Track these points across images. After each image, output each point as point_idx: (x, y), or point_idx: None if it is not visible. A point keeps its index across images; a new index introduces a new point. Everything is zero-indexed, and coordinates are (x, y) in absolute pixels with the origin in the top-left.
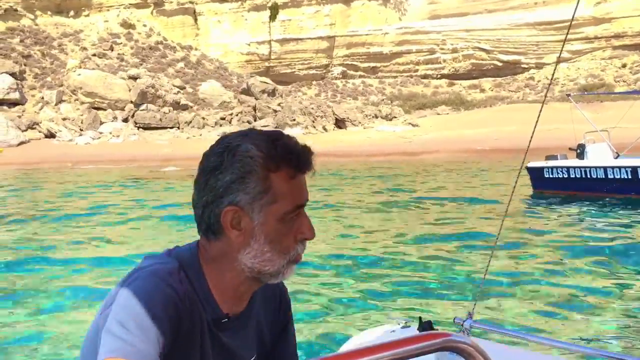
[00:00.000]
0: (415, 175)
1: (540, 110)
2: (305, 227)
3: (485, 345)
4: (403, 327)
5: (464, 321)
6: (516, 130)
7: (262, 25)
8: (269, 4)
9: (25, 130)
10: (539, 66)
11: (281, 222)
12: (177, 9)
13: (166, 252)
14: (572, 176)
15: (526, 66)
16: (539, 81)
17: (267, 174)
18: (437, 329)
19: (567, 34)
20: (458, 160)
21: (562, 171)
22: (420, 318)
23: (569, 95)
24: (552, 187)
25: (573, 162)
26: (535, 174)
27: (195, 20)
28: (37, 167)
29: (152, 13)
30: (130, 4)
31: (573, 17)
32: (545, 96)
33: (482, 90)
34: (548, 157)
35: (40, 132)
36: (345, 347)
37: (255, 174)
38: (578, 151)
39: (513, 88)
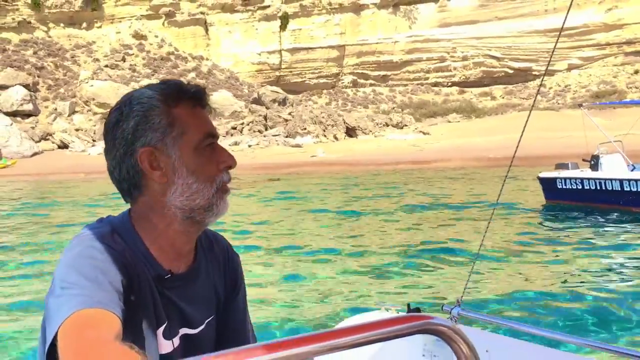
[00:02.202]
0: (423, 182)
1: (527, 119)
2: (225, 155)
3: (471, 332)
4: (391, 314)
5: (452, 308)
6: (527, 138)
7: (273, 35)
8: (280, 14)
9: (39, 141)
10: (550, 73)
11: (197, 151)
12: (189, 20)
13: (98, 220)
14: (586, 187)
15: (537, 73)
16: (550, 88)
17: (168, 109)
18: None
19: (557, 42)
20: (468, 168)
21: (576, 182)
22: (408, 305)
23: (580, 105)
24: (565, 197)
25: (587, 173)
26: (548, 184)
27: (206, 30)
28: (50, 177)
29: (163, 24)
30: (142, 16)
31: (563, 25)
32: (532, 106)
33: (493, 98)
34: (558, 166)
35: (53, 143)
36: (343, 325)
37: (157, 109)
38: (592, 162)
39: (524, 95)
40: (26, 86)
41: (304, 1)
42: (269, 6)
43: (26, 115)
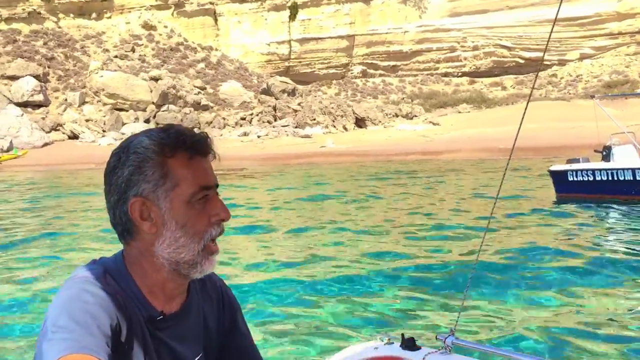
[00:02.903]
0: (435, 173)
1: (525, 111)
2: (219, 208)
3: None
4: (386, 344)
5: (445, 338)
6: (538, 128)
7: (282, 25)
8: (289, 4)
9: (49, 131)
10: (562, 63)
11: (189, 205)
12: (198, 10)
13: (91, 262)
14: (598, 179)
15: (548, 63)
16: (561, 78)
17: (164, 160)
18: (420, 347)
19: (552, 31)
20: (477, 159)
21: (587, 174)
22: (402, 335)
23: (593, 97)
24: (577, 190)
25: (599, 164)
26: (559, 177)
27: (216, 21)
28: (60, 167)
29: (172, 14)
30: (151, 6)
31: (557, 15)
32: (529, 99)
33: (504, 88)
34: (569, 161)
35: (63, 133)
36: None
37: (151, 161)
38: (604, 153)
39: (535, 85)
40: (36, 77)
41: None
42: None
43: (37, 105)
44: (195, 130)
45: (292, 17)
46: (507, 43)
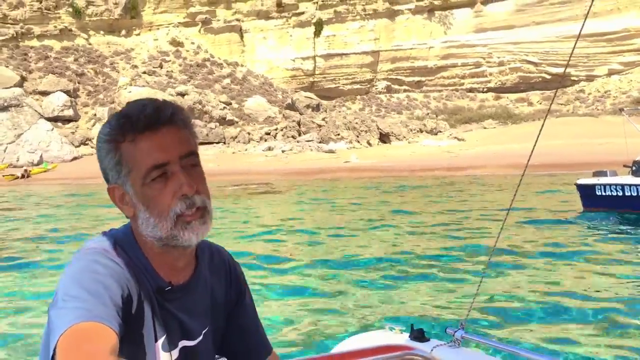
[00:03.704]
0: (456, 189)
1: (542, 127)
2: (180, 183)
3: (473, 357)
4: (395, 334)
5: (455, 331)
6: (565, 145)
7: (307, 41)
8: (314, 20)
9: (78, 146)
10: (590, 79)
11: (146, 186)
12: (224, 27)
13: (102, 233)
14: (627, 194)
15: (576, 79)
16: (589, 94)
17: (117, 145)
18: (429, 338)
19: (574, 47)
20: (503, 175)
21: (616, 189)
22: (412, 325)
23: (622, 110)
24: (604, 205)
25: (628, 179)
26: (586, 191)
27: (242, 37)
28: (89, 181)
29: (200, 31)
30: (179, 23)
31: (581, 30)
32: (547, 115)
33: (530, 104)
34: (596, 174)
35: (92, 147)
36: (335, 350)
37: (105, 149)
38: (633, 168)
39: (562, 101)
40: (67, 92)
41: (338, 7)
42: (303, 12)
43: (67, 120)
44: (148, 103)
45: (317, 33)
46: (534, 59)
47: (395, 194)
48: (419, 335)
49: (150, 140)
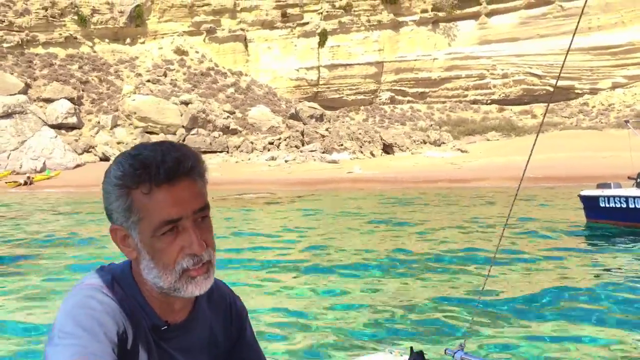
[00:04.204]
0: (457, 201)
1: (535, 140)
2: (190, 241)
3: None
4: (395, 357)
5: (454, 353)
6: (569, 157)
7: (311, 51)
8: (319, 31)
9: (82, 153)
10: (594, 92)
11: (155, 238)
12: (229, 36)
13: (99, 268)
14: (631, 206)
15: (580, 92)
16: (593, 107)
17: (128, 192)
18: None
19: (565, 60)
20: (504, 187)
21: (620, 201)
22: (411, 348)
23: (627, 121)
24: (608, 217)
25: (632, 191)
26: (589, 203)
27: (246, 46)
28: (92, 189)
29: (204, 40)
30: (183, 32)
31: (571, 44)
32: (541, 126)
33: (534, 116)
34: (600, 185)
35: (95, 155)
36: None
37: (115, 193)
38: (638, 180)
39: (566, 114)
40: (71, 100)
41: (343, 18)
42: (308, 23)
43: (70, 128)
44: (167, 152)
45: (322, 43)
46: (538, 71)
47: (397, 205)
48: (418, 358)
49: (166, 193)
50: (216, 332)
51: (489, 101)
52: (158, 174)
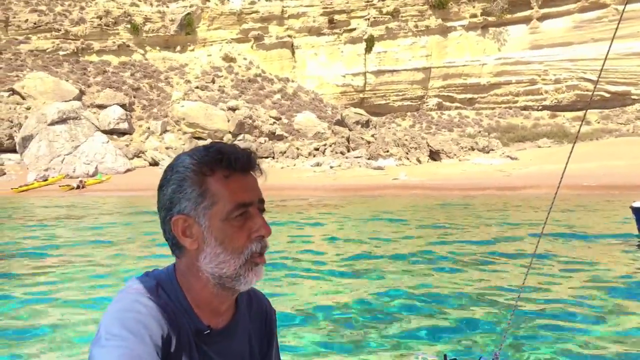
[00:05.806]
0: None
1: (573, 147)
2: (259, 224)
3: None
4: None
5: None
6: (627, 165)
7: (358, 58)
8: (365, 37)
9: (132, 158)
10: None
11: (227, 222)
12: (276, 43)
13: (144, 274)
14: None
15: (637, 97)
16: None
17: (203, 178)
18: None
19: (604, 64)
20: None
21: None
22: (445, 356)
23: None
24: None
25: None
26: None
27: (293, 53)
28: (142, 193)
29: (252, 47)
30: (232, 39)
31: (609, 50)
32: (577, 135)
33: (588, 123)
34: None
35: (145, 160)
36: None
37: (190, 180)
38: None
39: (622, 120)
40: (123, 106)
41: (390, 24)
42: (355, 29)
43: (121, 133)
44: (237, 146)
45: (368, 49)
46: (592, 77)
47: (441, 210)
48: None
49: (241, 180)
50: (254, 343)
51: (540, 107)
52: (235, 162)
